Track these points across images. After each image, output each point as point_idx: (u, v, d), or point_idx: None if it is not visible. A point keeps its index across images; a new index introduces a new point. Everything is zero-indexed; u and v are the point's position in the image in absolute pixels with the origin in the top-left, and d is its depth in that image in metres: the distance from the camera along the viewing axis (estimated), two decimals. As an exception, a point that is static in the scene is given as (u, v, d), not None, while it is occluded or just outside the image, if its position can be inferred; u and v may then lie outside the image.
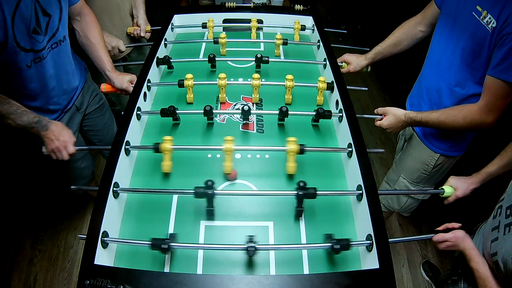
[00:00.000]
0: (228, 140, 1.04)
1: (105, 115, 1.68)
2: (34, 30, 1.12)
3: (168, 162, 1.07)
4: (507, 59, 1.02)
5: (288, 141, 1.06)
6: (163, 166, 1.07)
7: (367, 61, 1.54)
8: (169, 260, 0.91)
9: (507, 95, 1.07)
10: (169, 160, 1.07)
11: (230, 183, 1.09)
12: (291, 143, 1.06)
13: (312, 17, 1.71)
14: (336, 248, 0.86)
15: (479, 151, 1.63)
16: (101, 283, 0.76)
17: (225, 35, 1.52)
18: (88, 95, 1.53)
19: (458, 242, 0.99)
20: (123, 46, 1.64)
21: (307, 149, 1.06)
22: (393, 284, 0.81)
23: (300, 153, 1.06)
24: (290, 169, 1.07)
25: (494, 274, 0.93)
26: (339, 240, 0.87)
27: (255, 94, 1.31)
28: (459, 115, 1.16)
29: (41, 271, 1.90)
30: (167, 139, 1.06)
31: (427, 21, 1.39)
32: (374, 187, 0.97)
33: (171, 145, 1.06)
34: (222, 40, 1.50)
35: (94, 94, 1.57)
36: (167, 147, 1.05)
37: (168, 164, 1.07)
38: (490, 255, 0.94)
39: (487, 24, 1.06)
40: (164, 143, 1.05)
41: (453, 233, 1.00)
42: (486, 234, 1.01)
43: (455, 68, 1.22)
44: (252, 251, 0.84)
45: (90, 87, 1.55)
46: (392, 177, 1.63)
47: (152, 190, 1.02)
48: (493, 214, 1.01)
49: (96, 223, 0.88)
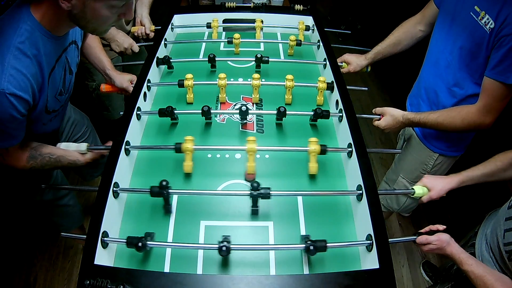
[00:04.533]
0: (250, 141, 1.05)
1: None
2: (61, 92, 1.09)
3: (190, 162, 1.06)
4: (505, 61, 1.02)
5: (310, 141, 1.06)
6: (184, 167, 1.07)
7: (367, 61, 1.54)
8: (169, 260, 0.91)
9: (505, 96, 1.07)
10: (190, 160, 1.06)
11: (230, 183, 1.09)
12: (312, 143, 1.06)
13: (312, 17, 1.71)
14: (312, 250, 0.85)
15: (478, 151, 1.63)
16: (101, 283, 0.76)
17: (239, 35, 1.52)
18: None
19: (443, 246, 0.96)
20: (137, 46, 1.62)
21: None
22: (393, 284, 0.81)
23: (322, 153, 1.06)
24: (312, 169, 1.07)
25: (505, 264, 0.92)
26: (315, 241, 0.85)
27: (255, 94, 1.31)
28: (457, 117, 1.16)
29: (41, 271, 1.90)
30: (189, 139, 1.06)
31: (426, 20, 1.39)
32: (374, 187, 0.97)
33: (193, 145, 1.05)
34: (236, 40, 1.51)
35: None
36: (189, 147, 1.05)
37: (189, 165, 1.07)
38: (504, 244, 0.93)
39: (485, 24, 1.06)
40: (185, 143, 1.05)
41: (437, 236, 0.97)
42: (500, 223, 1.00)
43: (453, 68, 1.22)
44: (225, 252, 0.83)
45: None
46: (391, 177, 1.63)
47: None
48: (508, 204, 1.01)
49: (96, 223, 0.88)
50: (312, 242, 0.85)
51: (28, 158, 1.07)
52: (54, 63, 1.01)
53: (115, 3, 0.89)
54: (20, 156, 1.05)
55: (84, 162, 1.17)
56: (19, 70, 0.88)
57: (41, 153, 1.09)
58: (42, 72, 0.96)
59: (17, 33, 0.88)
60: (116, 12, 0.92)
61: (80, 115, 1.54)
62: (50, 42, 0.95)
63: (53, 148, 1.12)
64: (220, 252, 0.83)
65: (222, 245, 0.83)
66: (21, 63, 0.88)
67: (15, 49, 0.87)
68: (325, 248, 0.86)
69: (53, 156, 1.11)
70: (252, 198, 0.96)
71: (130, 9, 0.95)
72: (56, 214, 1.61)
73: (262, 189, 0.94)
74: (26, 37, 0.89)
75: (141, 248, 0.85)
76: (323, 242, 0.86)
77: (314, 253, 0.86)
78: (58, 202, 1.53)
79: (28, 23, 0.89)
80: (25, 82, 0.90)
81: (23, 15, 0.89)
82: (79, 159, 1.15)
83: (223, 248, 0.83)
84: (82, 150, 1.14)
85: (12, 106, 0.88)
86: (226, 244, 0.83)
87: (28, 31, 0.89)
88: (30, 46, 0.90)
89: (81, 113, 1.56)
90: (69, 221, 1.68)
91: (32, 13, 0.90)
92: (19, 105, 0.90)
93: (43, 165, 1.10)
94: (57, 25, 0.94)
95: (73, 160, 1.14)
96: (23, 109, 0.92)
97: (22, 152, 1.06)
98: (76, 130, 1.48)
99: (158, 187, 0.94)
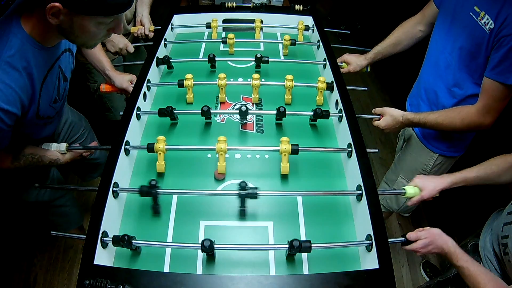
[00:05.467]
0: (221, 140, 1.05)
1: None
2: (55, 100, 1.09)
3: (162, 162, 1.07)
4: (504, 61, 1.02)
5: (281, 141, 1.06)
6: (157, 166, 1.07)
7: (367, 61, 1.54)
8: (169, 260, 0.91)
9: (505, 97, 1.07)
10: (162, 160, 1.07)
11: (230, 183, 1.09)
12: (284, 143, 1.05)
13: (312, 17, 1.71)
14: (295, 249, 0.84)
15: (478, 152, 1.63)
16: (101, 283, 0.76)
17: (233, 35, 1.52)
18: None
19: (435, 239, 0.92)
20: (132, 47, 1.62)
21: (302, 149, 1.06)
22: (393, 284, 0.81)
23: (294, 153, 1.05)
24: (284, 169, 1.07)
25: (499, 259, 0.92)
26: (300, 241, 0.85)
27: (255, 94, 1.31)
28: (457, 117, 1.16)
29: (41, 271, 1.89)
30: (160, 139, 1.06)
31: (426, 20, 1.39)
32: (374, 187, 0.97)
33: (164, 145, 1.06)
34: (230, 40, 1.51)
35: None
36: (161, 147, 1.05)
37: (161, 164, 1.07)
38: (501, 237, 0.93)
39: (484, 25, 1.06)
40: (158, 143, 1.05)
41: (427, 230, 0.93)
42: (502, 218, 1.00)
43: (453, 68, 1.22)
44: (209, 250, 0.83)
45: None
46: (391, 177, 1.63)
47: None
48: None
49: (95, 223, 0.88)
50: (297, 242, 0.84)
51: (12, 159, 1.08)
52: (46, 72, 1.00)
53: (102, 20, 0.88)
54: (4, 159, 1.07)
55: (64, 161, 1.19)
56: (7, 84, 0.88)
57: (24, 153, 1.10)
58: (33, 83, 0.95)
59: (6, 46, 0.88)
60: (105, 28, 0.92)
61: (78, 117, 1.54)
62: (40, 53, 0.95)
63: (35, 148, 1.14)
64: (203, 249, 0.83)
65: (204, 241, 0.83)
66: (10, 77, 0.88)
67: (3, 63, 0.87)
68: (310, 248, 0.85)
69: (35, 156, 1.12)
70: (240, 198, 0.96)
71: (119, 24, 0.94)
72: (54, 214, 1.61)
73: (249, 189, 0.94)
74: (16, 50, 0.88)
75: (129, 246, 0.85)
76: (307, 242, 0.85)
77: (295, 253, 0.85)
78: (55, 202, 1.53)
79: (18, 36, 0.89)
80: (13, 95, 0.90)
81: (13, 27, 0.89)
82: (59, 158, 1.17)
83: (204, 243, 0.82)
84: (61, 150, 1.17)
85: None
86: (207, 243, 0.83)
87: (18, 43, 0.89)
88: (20, 59, 0.89)
89: (79, 115, 1.56)
90: (67, 221, 1.68)
91: (22, 25, 0.90)
92: (6, 118, 0.90)
93: (26, 164, 1.12)
94: (47, 37, 0.94)
95: (53, 159, 1.16)
96: (10, 121, 0.92)
97: (6, 155, 1.08)
98: (73, 132, 1.49)
99: (147, 186, 0.94)
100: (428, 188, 1.06)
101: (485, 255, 1.07)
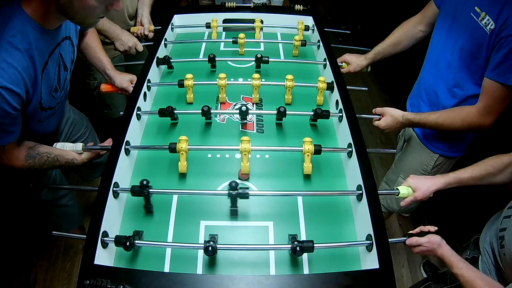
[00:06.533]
0: (244, 141, 1.05)
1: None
2: (56, 88, 1.09)
3: (184, 162, 1.07)
4: (505, 62, 1.02)
5: (304, 141, 1.06)
6: (179, 167, 1.07)
7: (367, 61, 1.54)
8: (169, 260, 0.91)
9: (506, 97, 1.07)
10: (184, 160, 1.07)
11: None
12: (307, 143, 1.05)
13: (312, 17, 1.71)
14: (298, 251, 0.84)
15: (478, 152, 1.63)
16: (101, 283, 0.76)
17: (244, 35, 1.52)
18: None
19: (434, 247, 0.94)
20: (141, 46, 1.61)
21: (324, 149, 1.06)
22: (393, 284, 0.81)
23: (316, 153, 1.05)
24: (306, 169, 1.07)
25: (495, 254, 0.92)
26: (301, 241, 0.85)
27: (255, 94, 1.31)
28: (457, 118, 1.16)
29: (41, 271, 1.89)
30: (183, 139, 1.06)
31: (427, 21, 1.39)
32: (374, 187, 0.97)
33: (187, 145, 1.05)
34: (241, 40, 1.51)
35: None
36: (183, 147, 1.05)
37: (184, 165, 1.07)
38: (499, 230, 0.93)
39: (485, 25, 1.06)
40: (180, 143, 1.05)
41: (428, 238, 0.94)
42: (503, 213, 1.01)
43: (453, 68, 1.22)
44: (210, 252, 0.82)
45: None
46: (391, 177, 1.63)
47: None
48: None
49: (96, 223, 0.88)
50: (299, 242, 0.84)
51: (26, 157, 1.07)
52: (47, 57, 1.01)
53: None
54: (18, 155, 1.05)
55: (80, 161, 1.17)
56: (10, 63, 0.88)
57: (39, 152, 1.09)
58: (35, 66, 0.96)
59: (8, 27, 0.88)
60: (103, 2, 0.92)
61: (79, 116, 1.54)
62: (41, 36, 0.96)
63: (50, 147, 1.13)
64: (206, 252, 0.82)
65: (208, 245, 0.82)
66: (12, 56, 0.89)
67: (5, 42, 0.88)
68: (312, 248, 0.85)
69: (50, 155, 1.11)
70: (231, 198, 0.96)
71: (117, 0, 0.95)
72: (56, 214, 1.61)
73: (240, 188, 0.94)
74: (17, 31, 0.89)
75: (129, 247, 0.85)
76: (310, 242, 0.85)
77: (300, 254, 0.85)
78: (57, 202, 1.53)
79: (19, 17, 0.90)
80: (16, 75, 0.90)
81: (14, 10, 0.90)
82: (76, 159, 1.16)
83: (209, 248, 0.82)
84: (77, 150, 1.15)
85: (4, 100, 0.88)
86: (212, 244, 0.82)
87: (19, 25, 0.90)
88: (21, 40, 0.90)
89: (80, 114, 1.56)
90: (69, 221, 1.68)
91: (23, 7, 0.91)
92: (11, 99, 0.90)
93: (41, 164, 1.10)
94: (47, 18, 0.95)
95: (70, 159, 1.14)
96: (16, 104, 0.92)
97: (20, 151, 1.06)
98: (75, 131, 1.48)
99: (138, 186, 0.94)
100: (421, 189, 1.05)
101: (483, 247, 1.07)
